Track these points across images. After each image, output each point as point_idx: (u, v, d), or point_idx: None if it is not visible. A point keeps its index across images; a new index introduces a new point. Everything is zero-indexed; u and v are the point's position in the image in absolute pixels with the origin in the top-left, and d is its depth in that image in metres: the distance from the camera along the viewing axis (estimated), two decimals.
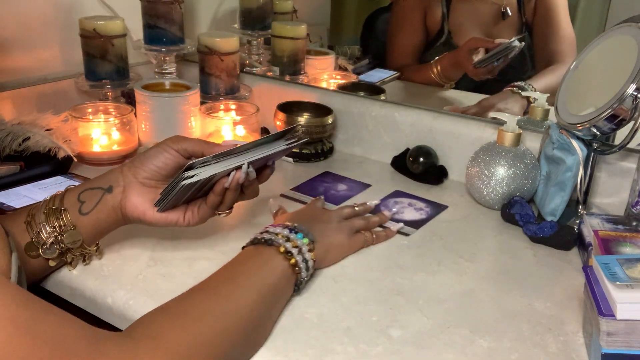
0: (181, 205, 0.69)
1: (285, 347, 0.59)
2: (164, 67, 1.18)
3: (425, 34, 1.27)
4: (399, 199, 0.95)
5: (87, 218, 0.67)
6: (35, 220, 0.66)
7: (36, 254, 0.65)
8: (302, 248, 0.66)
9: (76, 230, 0.67)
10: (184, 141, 0.68)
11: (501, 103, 1.13)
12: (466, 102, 1.21)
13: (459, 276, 0.74)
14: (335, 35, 1.46)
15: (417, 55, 1.28)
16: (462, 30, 1.23)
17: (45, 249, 0.66)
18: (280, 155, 0.72)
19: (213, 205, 0.69)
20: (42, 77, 1.13)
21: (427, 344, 0.61)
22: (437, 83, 1.24)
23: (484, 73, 1.19)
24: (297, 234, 0.67)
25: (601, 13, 1.14)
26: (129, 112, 1.06)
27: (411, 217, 0.89)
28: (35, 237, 0.65)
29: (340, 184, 0.99)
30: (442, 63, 1.24)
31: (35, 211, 0.67)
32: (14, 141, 0.94)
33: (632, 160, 0.89)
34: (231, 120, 1.08)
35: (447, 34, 1.24)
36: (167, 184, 0.66)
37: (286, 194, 0.95)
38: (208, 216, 0.71)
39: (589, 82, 0.84)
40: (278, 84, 1.23)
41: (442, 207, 0.93)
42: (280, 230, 0.67)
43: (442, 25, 1.24)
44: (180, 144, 0.68)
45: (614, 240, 0.71)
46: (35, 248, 0.65)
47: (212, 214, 0.71)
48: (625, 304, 0.54)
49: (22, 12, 1.08)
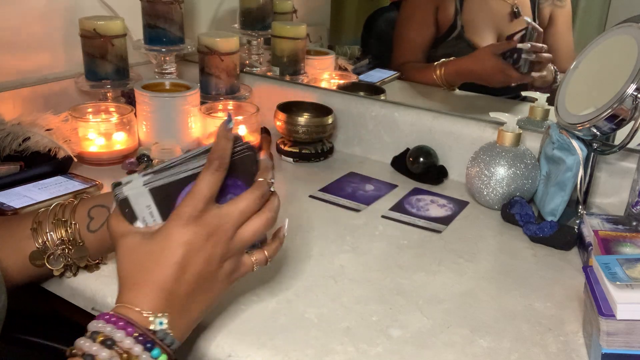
0: None
1: (285, 347, 0.59)
2: (164, 67, 1.18)
3: (435, 30, 1.26)
4: (420, 197, 0.95)
5: (94, 235, 0.65)
6: (42, 229, 0.65)
7: (41, 264, 0.65)
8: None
9: (84, 246, 0.66)
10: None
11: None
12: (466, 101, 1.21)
13: (459, 276, 0.74)
14: (335, 35, 1.46)
15: (424, 51, 1.28)
16: (475, 26, 1.23)
17: (52, 260, 0.65)
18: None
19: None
20: (42, 77, 1.13)
21: (427, 344, 0.61)
22: (438, 85, 1.24)
23: (528, 72, 1.15)
24: (152, 351, 0.48)
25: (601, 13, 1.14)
26: (129, 112, 1.06)
27: (437, 214, 0.90)
28: (41, 246, 0.64)
29: (367, 184, 0.99)
30: (447, 68, 1.23)
31: (42, 219, 0.65)
32: (14, 141, 0.94)
33: (632, 160, 0.89)
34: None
35: (460, 28, 1.23)
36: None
37: (315, 195, 0.95)
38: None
39: (589, 82, 0.84)
40: (278, 84, 1.23)
41: (464, 203, 0.94)
42: (126, 342, 0.47)
43: (455, 20, 1.23)
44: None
45: (614, 240, 0.71)
46: (41, 257, 0.64)
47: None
48: (625, 304, 0.54)
49: (22, 12, 1.08)
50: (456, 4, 1.23)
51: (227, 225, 0.53)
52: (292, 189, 0.97)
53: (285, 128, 1.07)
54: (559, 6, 1.18)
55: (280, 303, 0.66)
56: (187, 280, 0.51)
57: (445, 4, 1.24)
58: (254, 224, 0.55)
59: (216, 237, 0.53)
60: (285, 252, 0.77)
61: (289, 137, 1.09)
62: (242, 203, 0.54)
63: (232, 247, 0.54)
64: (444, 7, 1.24)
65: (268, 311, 0.65)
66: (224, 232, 0.53)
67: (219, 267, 0.54)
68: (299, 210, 0.89)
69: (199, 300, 0.53)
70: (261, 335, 0.61)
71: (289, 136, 1.08)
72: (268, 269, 0.72)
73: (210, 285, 0.54)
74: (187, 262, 0.51)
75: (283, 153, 1.09)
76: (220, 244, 0.53)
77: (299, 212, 0.88)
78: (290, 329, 0.62)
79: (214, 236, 0.52)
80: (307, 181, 1.00)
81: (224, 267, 0.54)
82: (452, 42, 1.24)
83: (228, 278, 0.55)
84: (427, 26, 1.26)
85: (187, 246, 0.51)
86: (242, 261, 0.56)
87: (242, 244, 0.55)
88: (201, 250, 0.52)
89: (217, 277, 0.54)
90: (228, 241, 0.53)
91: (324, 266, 0.74)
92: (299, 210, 0.89)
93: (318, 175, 1.03)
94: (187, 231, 0.51)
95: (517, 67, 1.14)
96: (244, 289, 0.68)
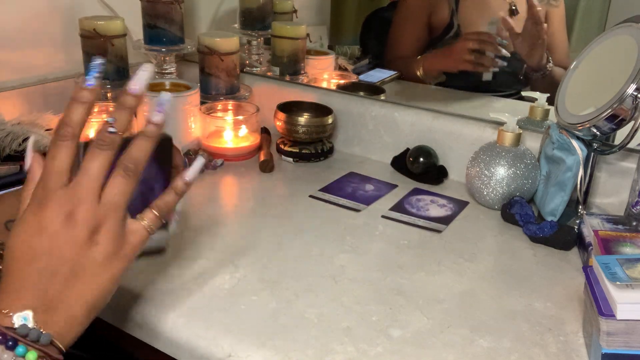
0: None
1: (285, 347, 0.59)
2: (164, 67, 1.18)
3: (428, 33, 1.27)
4: (420, 197, 0.95)
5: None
6: None
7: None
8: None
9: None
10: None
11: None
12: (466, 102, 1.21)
13: (459, 276, 0.74)
14: (335, 35, 1.46)
15: (417, 52, 1.29)
16: (472, 23, 1.24)
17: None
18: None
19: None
20: (42, 77, 1.13)
21: (427, 344, 0.61)
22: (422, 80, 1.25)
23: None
24: (16, 349, 0.43)
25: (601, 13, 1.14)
26: None
27: (437, 214, 0.90)
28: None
29: (367, 184, 0.99)
30: (427, 58, 1.25)
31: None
32: (14, 141, 0.94)
33: (632, 160, 0.89)
34: (231, 120, 1.09)
35: (457, 27, 1.24)
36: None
37: (315, 195, 0.95)
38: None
39: (589, 82, 0.84)
40: (278, 84, 1.23)
41: (464, 203, 0.94)
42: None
43: (451, 20, 1.24)
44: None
45: (614, 240, 0.71)
46: None
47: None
48: (625, 304, 0.54)
49: (22, 12, 1.08)
50: (451, 5, 1.24)
51: (81, 198, 0.46)
52: (292, 189, 0.97)
53: (285, 128, 1.07)
54: (553, 6, 1.20)
55: (280, 303, 0.66)
56: (51, 269, 0.46)
57: (439, 8, 1.25)
58: (111, 184, 0.48)
59: (74, 215, 0.46)
60: (286, 252, 0.77)
61: (289, 137, 1.09)
62: (84, 168, 0.47)
63: (102, 220, 0.47)
64: (438, 11, 1.25)
65: (268, 311, 0.65)
66: (82, 207, 0.46)
67: (92, 247, 0.47)
68: (299, 210, 0.89)
69: (76, 290, 0.47)
70: (261, 335, 0.61)
71: (289, 136, 1.08)
72: (268, 269, 0.72)
73: (86, 270, 0.47)
74: (49, 251, 0.46)
75: (283, 153, 1.09)
76: (82, 223, 0.47)
77: (299, 212, 0.88)
78: (290, 329, 0.62)
79: (72, 215, 0.46)
80: (307, 181, 1.00)
81: (99, 244, 0.47)
82: (449, 40, 1.25)
83: (114, 255, 0.48)
84: (419, 30, 1.28)
85: (44, 233, 0.46)
86: (127, 231, 0.49)
87: (114, 211, 0.48)
88: (62, 235, 0.46)
89: (92, 258, 0.47)
90: (90, 216, 0.47)
91: (324, 266, 0.74)
92: (299, 210, 0.89)
93: (318, 175, 1.03)
94: (41, 216, 0.46)
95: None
96: (244, 289, 0.68)
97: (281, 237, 0.80)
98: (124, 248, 0.49)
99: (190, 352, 0.61)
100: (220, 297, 0.66)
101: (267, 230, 0.82)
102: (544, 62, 1.18)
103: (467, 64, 1.19)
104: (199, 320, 0.63)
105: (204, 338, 0.61)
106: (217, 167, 1.03)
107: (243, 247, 0.77)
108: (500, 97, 1.24)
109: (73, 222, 0.47)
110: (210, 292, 0.68)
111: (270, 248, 0.78)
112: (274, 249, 0.78)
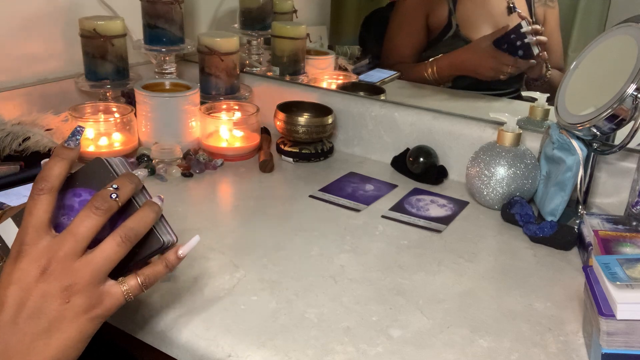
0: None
1: (285, 347, 0.59)
2: (164, 67, 1.18)
3: (425, 35, 1.27)
4: (420, 197, 0.95)
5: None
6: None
7: None
8: None
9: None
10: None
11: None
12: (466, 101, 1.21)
13: (459, 276, 0.74)
14: (335, 35, 1.46)
15: (414, 55, 1.29)
16: (471, 23, 1.24)
17: None
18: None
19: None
20: (42, 77, 1.13)
21: (427, 344, 0.61)
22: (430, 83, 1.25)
23: (509, 64, 1.18)
24: None
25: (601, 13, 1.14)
26: (129, 112, 1.06)
27: (437, 213, 0.90)
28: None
29: (367, 184, 0.99)
30: (440, 62, 1.24)
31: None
32: (14, 141, 0.94)
33: (632, 160, 0.89)
34: (231, 121, 1.09)
35: (456, 27, 1.24)
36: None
37: (315, 194, 0.95)
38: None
39: (589, 82, 0.84)
40: (278, 84, 1.23)
41: (464, 203, 0.94)
42: None
43: (450, 20, 1.24)
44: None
45: (614, 240, 0.71)
46: None
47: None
48: (625, 304, 0.54)
49: (22, 11, 1.08)
50: (449, 5, 1.24)
51: (59, 255, 0.47)
52: (292, 189, 0.97)
53: (285, 128, 1.07)
54: (550, 6, 1.21)
55: (280, 303, 0.66)
56: (23, 321, 0.46)
57: (436, 9, 1.25)
58: (103, 246, 0.48)
59: (49, 270, 0.46)
60: (286, 252, 0.77)
61: (289, 137, 1.09)
62: (73, 225, 0.47)
63: (78, 279, 0.47)
64: (435, 12, 1.25)
65: (268, 311, 0.65)
66: (58, 263, 0.47)
67: (64, 303, 0.47)
68: (299, 210, 0.89)
69: (45, 343, 0.46)
70: (261, 335, 0.61)
71: (289, 136, 1.08)
72: (268, 269, 0.72)
73: (56, 325, 0.47)
74: (19, 302, 0.46)
75: (283, 153, 1.09)
76: (56, 278, 0.46)
77: (299, 212, 0.88)
78: (290, 329, 0.62)
79: (47, 270, 0.46)
80: (307, 181, 1.00)
81: (73, 302, 0.47)
82: (448, 41, 1.25)
83: (85, 314, 0.48)
84: (416, 32, 1.28)
85: (16, 284, 0.46)
86: (104, 292, 0.49)
87: (92, 273, 0.47)
88: (33, 288, 0.46)
89: (64, 315, 0.47)
90: (66, 272, 0.47)
91: (324, 266, 0.74)
92: (299, 210, 0.89)
93: (318, 175, 1.03)
94: (15, 269, 0.46)
95: (513, 51, 1.15)
96: (244, 289, 0.68)
97: (281, 237, 0.80)
98: (96, 309, 0.48)
99: (190, 352, 0.61)
100: (220, 297, 0.67)
101: (267, 230, 0.82)
102: (544, 71, 1.19)
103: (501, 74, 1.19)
104: (199, 320, 0.63)
105: (204, 338, 0.61)
106: (217, 167, 1.03)
107: (243, 247, 0.77)
108: (499, 97, 1.24)
109: (46, 277, 0.47)
110: (210, 292, 0.68)
111: (270, 248, 0.78)
112: (274, 249, 0.78)
